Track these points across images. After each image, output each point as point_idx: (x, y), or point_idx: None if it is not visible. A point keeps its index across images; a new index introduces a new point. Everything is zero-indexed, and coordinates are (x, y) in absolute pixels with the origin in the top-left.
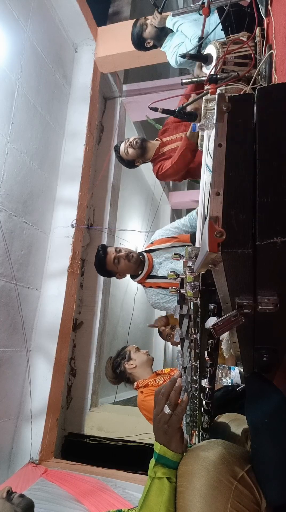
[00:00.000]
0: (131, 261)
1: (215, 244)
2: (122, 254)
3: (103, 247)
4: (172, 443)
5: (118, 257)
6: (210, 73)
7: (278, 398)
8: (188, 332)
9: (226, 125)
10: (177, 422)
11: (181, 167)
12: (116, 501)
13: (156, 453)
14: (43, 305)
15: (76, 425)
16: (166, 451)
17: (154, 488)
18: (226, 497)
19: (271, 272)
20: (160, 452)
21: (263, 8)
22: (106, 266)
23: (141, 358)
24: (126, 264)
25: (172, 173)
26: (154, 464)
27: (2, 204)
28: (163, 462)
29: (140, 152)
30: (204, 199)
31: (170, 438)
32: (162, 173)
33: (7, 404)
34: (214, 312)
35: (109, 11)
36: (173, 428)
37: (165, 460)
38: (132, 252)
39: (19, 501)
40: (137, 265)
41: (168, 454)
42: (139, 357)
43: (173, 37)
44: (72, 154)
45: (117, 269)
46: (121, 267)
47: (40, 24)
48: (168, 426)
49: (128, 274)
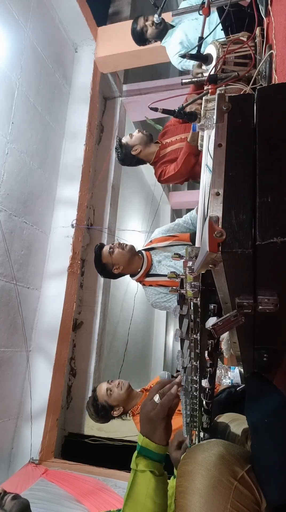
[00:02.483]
0: (125, 249)
1: (215, 244)
2: (116, 243)
3: (100, 244)
4: (156, 433)
5: (112, 247)
6: (209, 69)
7: (278, 398)
8: (188, 332)
9: (226, 125)
10: (162, 412)
11: (184, 173)
12: (116, 501)
13: (139, 444)
14: (43, 305)
15: (76, 425)
16: (149, 443)
17: (138, 481)
18: (226, 497)
19: (271, 272)
20: (142, 443)
21: (263, 8)
22: (101, 258)
23: (121, 399)
24: (120, 252)
25: (175, 179)
26: (136, 455)
27: (2, 204)
28: (145, 454)
29: (146, 139)
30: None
31: (154, 428)
32: (165, 178)
33: (7, 404)
34: (214, 312)
35: (109, 11)
36: (158, 417)
37: (147, 452)
38: (126, 243)
39: (11, 506)
40: (131, 254)
41: (151, 446)
42: (119, 399)
43: (173, 33)
44: (72, 154)
45: (112, 259)
46: (115, 256)
47: (40, 24)
48: (153, 414)
49: (123, 266)
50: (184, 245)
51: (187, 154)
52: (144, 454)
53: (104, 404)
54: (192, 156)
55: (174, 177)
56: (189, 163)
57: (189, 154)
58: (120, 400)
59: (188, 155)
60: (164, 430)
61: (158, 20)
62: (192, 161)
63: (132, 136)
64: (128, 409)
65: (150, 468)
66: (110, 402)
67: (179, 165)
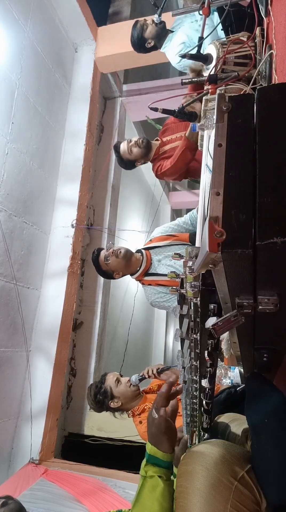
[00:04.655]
0: (119, 257)
1: (215, 244)
2: (110, 251)
3: (97, 250)
4: (161, 445)
5: (106, 256)
6: (202, 59)
7: (278, 398)
8: (188, 332)
9: (226, 125)
10: (162, 426)
11: (180, 167)
12: (116, 501)
13: (147, 453)
14: (43, 305)
15: (76, 425)
16: (156, 452)
17: (147, 486)
18: (226, 497)
19: (271, 272)
20: (150, 452)
21: (263, 8)
22: (100, 267)
23: (125, 394)
24: (115, 260)
25: (171, 173)
26: (145, 463)
27: (2, 204)
28: (154, 462)
29: (145, 151)
30: (204, 199)
31: (158, 440)
32: (162, 172)
33: (7, 404)
34: (214, 312)
35: (109, 11)
36: (159, 432)
37: (156, 460)
38: (120, 248)
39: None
40: (126, 260)
41: (158, 454)
42: (123, 394)
43: (173, 37)
44: (72, 154)
45: (109, 267)
46: (111, 264)
47: (40, 24)
48: (155, 429)
49: (123, 271)
50: (183, 245)
51: (184, 148)
52: (153, 462)
53: (107, 390)
54: (189, 151)
55: (170, 171)
56: (186, 157)
57: (186, 149)
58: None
59: (185, 149)
60: (169, 440)
61: (158, 20)
62: (189, 156)
63: (131, 153)
64: (127, 407)
65: (158, 474)
66: (111, 391)
67: (175, 159)
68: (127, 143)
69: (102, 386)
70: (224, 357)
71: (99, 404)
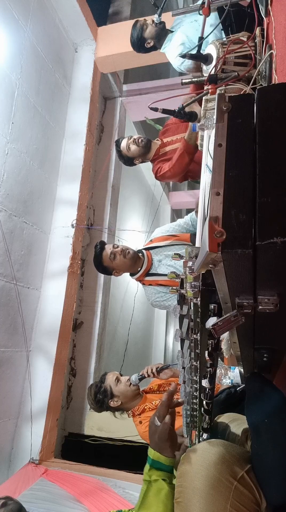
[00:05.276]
0: (127, 257)
1: (215, 244)
2: (118, 249)
3: (101, 243)
4: (164, 451)
5: (114, 253)
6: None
7: (278, 398)
8: (188, 332)
9: (226, 125)
10: (165, 434)
11: (178, 171)
12: (116, 501)
13: (150, 458)
14: (43, 305)
15: (76, 425)
16: (160, 457)
17: (152, 489)
18: (226, 497)
19: (271, 272)
20: (154, 457)
21: (263, 8)
22: (102, 262)
23: (124, 394)
24: (121, 260)
25: (170, 176)
26: (149, 468)
27: (2, 204)
28: (158, 467)
29: (143, 150)
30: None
31: (161, 447)
32: (161, 175)
33: (7, 404)
34: (214, 312)
35: (109, 11)
36: (162, 440)
37: (159, 464)
38: (129, 248)
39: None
40: (133, 262)
41: (161, 459)
42: (123, 393)
43: (172, 37)
44: (72, 154)
45: (113, 265)
46: (116, 263)
47: (40, 24)
48: (157, 437)
49: (124, 271)
50: (184, 245)
51: (181, 152)
52: (156, 466)
53: (107, 389)
54: (187, 155)
55: (168, 174)
56: (183, 161)
57: (183, 152)
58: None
59: (182, 153)
60: (170, 446)
61: (158, 20)
62: (186, 159)
63: (129, 150)
64: (127, 407)
65: (162, 477)
66: (111, 390)
67: (173, 163)
68: (128, 139)
69: (102, 385)
70: (224, 357)
71: (99, 404)
